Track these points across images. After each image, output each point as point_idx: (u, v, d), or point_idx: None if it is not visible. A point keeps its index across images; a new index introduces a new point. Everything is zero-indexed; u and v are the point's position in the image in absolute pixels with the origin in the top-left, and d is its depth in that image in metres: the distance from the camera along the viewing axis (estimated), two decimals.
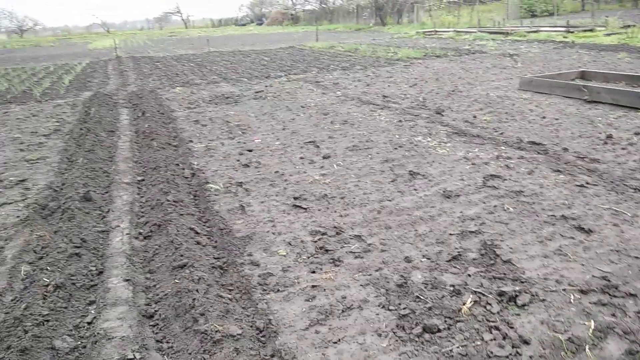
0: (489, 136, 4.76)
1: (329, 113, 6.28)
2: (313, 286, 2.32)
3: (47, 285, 2.29)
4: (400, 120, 5.65)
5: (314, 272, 2.46)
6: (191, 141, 5.30)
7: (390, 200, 3.31)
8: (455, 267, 2.42)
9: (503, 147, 4.36)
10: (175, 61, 15.12)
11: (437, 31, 21.24)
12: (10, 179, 4.21)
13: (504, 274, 2.32)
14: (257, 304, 2.21)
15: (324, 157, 4.37)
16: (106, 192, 3.78)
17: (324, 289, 2.29)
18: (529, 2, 26.72)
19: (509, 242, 2.63)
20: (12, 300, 2.25)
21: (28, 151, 5.12)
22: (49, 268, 2.41)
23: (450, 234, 2.76)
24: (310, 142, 4.94)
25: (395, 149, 4.53)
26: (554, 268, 2.35)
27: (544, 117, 5.35)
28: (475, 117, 5.58)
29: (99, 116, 6.61)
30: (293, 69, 11.31)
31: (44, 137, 5.71)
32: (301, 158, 4.41)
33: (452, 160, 4.09)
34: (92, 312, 2.18)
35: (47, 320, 2.05)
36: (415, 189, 3.50)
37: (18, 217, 3.32)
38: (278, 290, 2.32)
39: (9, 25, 69.93)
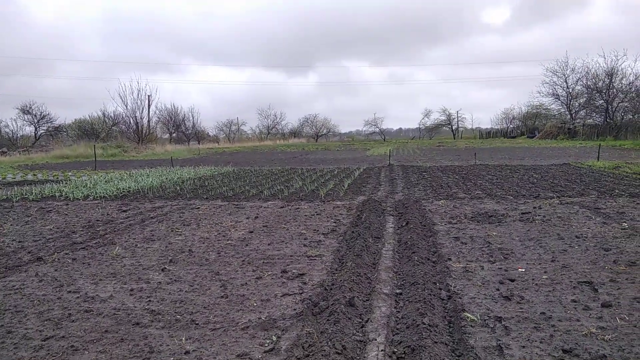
0: None
1: (611, 249, 5.47)
2: None
3: None
4: None
5: None
6: (450, 259, 5.30)
7: None
8: None
9: None
10: (441, 172, 15.75)
11: None
12: (293, 271, 4.94)
13: None
14: None
15: (604, 305, 3.76)
16: (367, 300, 4.05)
17: None
18: None
19: None
20: None
21: (309, 247, 5.96)
22: None
23: None
24: (585, 282, 4.35)
25: None
26: None
27: None
28: None
29: (369, 222, 7.29)
30: (567, 190, 10.42)
31: (323, 236, 6.57)
32: (573, 301, 3.89)
33: None
34: None
35: None
36: None
37: (295, 310, 3.84)
38: None
39: (309, 131, 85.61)
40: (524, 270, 4.81)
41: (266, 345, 3.22)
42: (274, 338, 3.33)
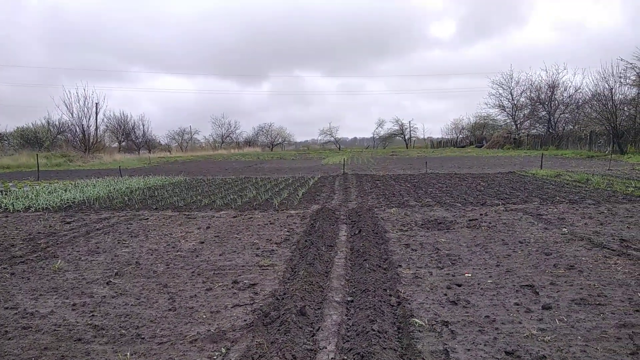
0: None
1: (551, 253, 5.73)
2: None
3: None
4: None
5: None
6: (400, 266, 5.40)
7: None
8: None
9: None
10: (394, 181, 16.04)
11: None
12: (245, 281, 4.88)
13: None
14: None
15: (544, 308, 3.93)
16: (319, 309, 4.06)
17: None
18: None
19: None
20: None
21: (262, 257, 5.91)
22: None
23: None
24: (527, 285, 4.53)
25: (637, 311, 3.82)
26: None
27: None
28: None
29: (322, 230, 7.32)
30: (512, 198, 10.85)
31: (276, 245, 6.54)
32: (516, 304, 4.05)
33: None
34: None
35: None
36: None
37: (245, 321, 3.79)
38: None
39: (264, 140, 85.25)
40: (470, 275, 4.96)
41: (215, 357, 3.16)
42: (223, 350, 3.27)
